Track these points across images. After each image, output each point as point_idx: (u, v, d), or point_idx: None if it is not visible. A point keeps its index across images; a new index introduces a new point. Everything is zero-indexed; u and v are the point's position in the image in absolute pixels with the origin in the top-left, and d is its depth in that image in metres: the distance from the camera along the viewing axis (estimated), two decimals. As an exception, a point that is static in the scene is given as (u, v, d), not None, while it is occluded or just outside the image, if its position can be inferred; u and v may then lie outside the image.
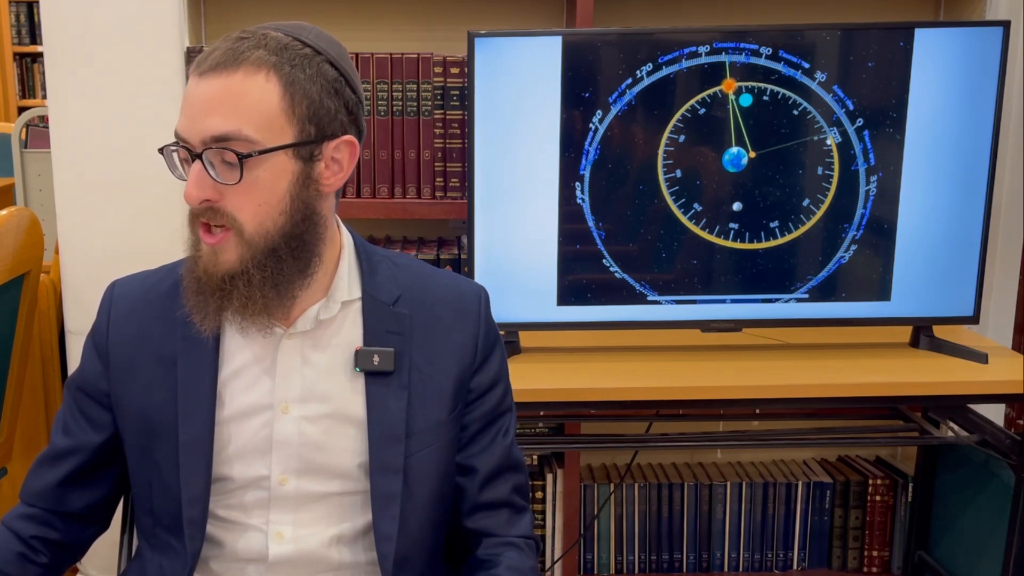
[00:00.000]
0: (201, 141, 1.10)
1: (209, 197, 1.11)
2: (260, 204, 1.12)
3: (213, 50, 1.11)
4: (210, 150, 1.09)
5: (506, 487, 1.30)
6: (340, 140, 1.16)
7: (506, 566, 1.25)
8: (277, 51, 1.11)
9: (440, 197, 2.21)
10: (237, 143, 1.09)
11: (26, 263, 2.12)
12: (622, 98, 1.95)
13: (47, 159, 2.67)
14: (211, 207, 1.12)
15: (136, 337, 1.25)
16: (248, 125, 1.09)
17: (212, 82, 1.09)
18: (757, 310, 2.05)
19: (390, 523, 1.22)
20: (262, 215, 1.12)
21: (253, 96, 1.09)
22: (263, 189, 1.11)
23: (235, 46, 1.10)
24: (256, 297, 1.14)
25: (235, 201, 1.11)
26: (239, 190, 1.11)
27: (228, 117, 1.08)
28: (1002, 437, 2.01)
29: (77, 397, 1.29)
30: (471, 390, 1.28)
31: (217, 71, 1.09)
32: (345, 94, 1.15)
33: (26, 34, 5.73)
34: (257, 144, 1.09)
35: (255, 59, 1.10)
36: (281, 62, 1.10)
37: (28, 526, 1.27)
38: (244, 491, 1.23)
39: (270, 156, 1.10)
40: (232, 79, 1.09)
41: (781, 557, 2.47)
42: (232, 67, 1.09)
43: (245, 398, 1.22)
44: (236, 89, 1.09)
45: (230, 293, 1.14)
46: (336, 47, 1.17)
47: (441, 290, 1.29)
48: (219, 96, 1.09)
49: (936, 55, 1.95)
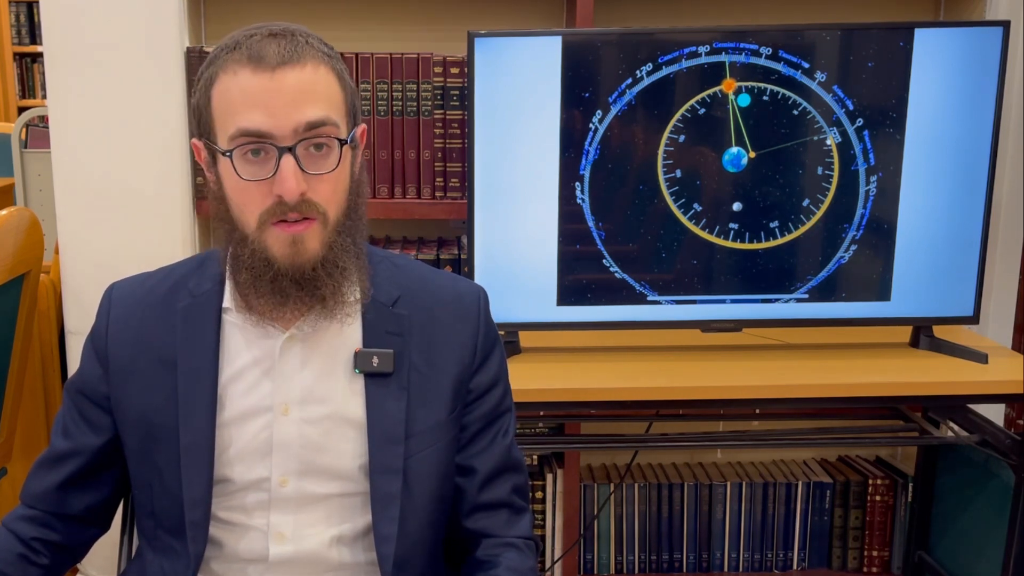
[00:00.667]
0: (294, 131, 1.10)
1: (303, 190, 1.12)
2: (340, 191, 1.16)
3: (264, 47, 1.10)
4: (305, 140, 1.11)
5: (505, 487, 1.30)
6: (360, 127, 1.22)
7: (505, 567, 1.25)
8: (318, 45, 1.14)
9: (440, 197, 2.21)
10: (331, 128, 1.12)
11: (26, 263, 2.12)
12: (622, 98, 1.95)
13: (47, 159, 2.67)
14: (305, 199, 1.13)
15: (135, 340, 1.25)
16: (333, 111, 1.13)
17: (289, 74, 1.10)
18: (757, 310, 2.05)
19: (389, 524, 1.22)
20: (340, 200, 1.17)
21: (327, 86, 1.14)
22: (343, 175, 1.16)
23: (285, 42, 1.11)
24: (337, 278, 1.17)
25: (322, 189, 1.14)
26: (328, 178, 1.13)
27: (319, 104, 1.12)
28: (1002, 437, 2.01)
29: (76, 400, 1.29)
30: (470, 391, 1.28)
31: (290, 64, 1.10)
32: (354, 88, 1.20)
33: (26, 34, 5.73)
34: (341, 131, 1.14)
35: (313, 53, 1.13)
36: (330, 55, 1.15)
37: (28, 528, 1.27)
38: (245, 493, 1.23)
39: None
40: (305, 71, 1.11)
41: (781, 557, 2.47)
42: (302, 60, 1.11)
43: (245, 400, 1.22)
44: (313, 79, 1.12)
45: (317, 281, 1.16)
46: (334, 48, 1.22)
47: (440, 291, 1.29)
48: (302, 86, 1.11)
49: (936, 55, 1.95)
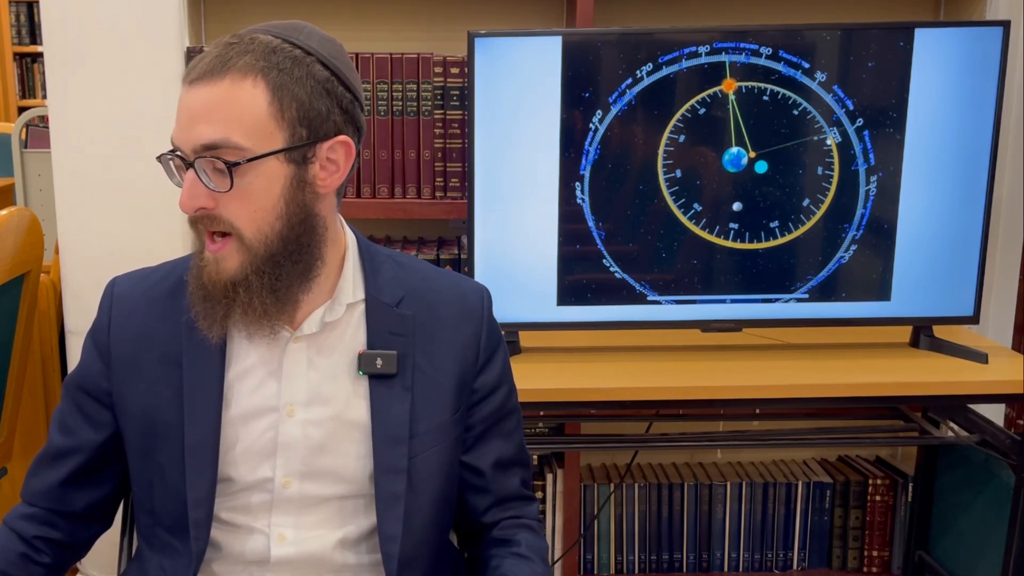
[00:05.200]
0: (192, 150, 1.10)
1: (204, 205, 1.11)
2: (256, 210, 1.12)
3: (202, 57, 1.11)
4: (202, 158, 1.10)
5: (514, 482, 1.33)
6: (334, 141, 1.15)
7: (526, 545, 1.28)
8: (264, 55, 1.11)
9: (440, 197, 2.21)
10: (226, 151, 1.09)
11: (26, 263, 2.12)
12: (622, 98, 1.95)
13: (47, 159, 2.67)
14: (207, 214, 1.12)
15: (138, 336, 1.25)
16: (237, 132, 1.09)
17: (200, 90, 1.09)
18: (757, 310, 2.05)
19: (394, 524, 1.22)
20: (259, 220, 1.12)
21: (240, 103, 1.09)
22: (257, 194, 1.11)
23: (223, 52, 1.10)
24: (256, 304, 1.14)
25: (231, 207, 1.12)
26: (233, 197, 1.11)
27: (216, 125, 1.09)
28: (1002, 437, 2.01)
29: (76, 396, 1.28)
30: (475, 391, 1.28)
31: (205, 79, 1.09)
32: (338, 93, 1.14)
33: (26, 34, 5.73)
34: (247, 151, 1.09)
35: (242, 65, 1.09)
36: (268, 66, 1.10)
37: (30, 526, 1.27)
38: (247, 493, 1.23)
39: (261, 162, 1.10)
40: (219, 86, 1.09)
41: (781, 557, 2.47)
42: (219, 74, 1.09)
43: (251, 400, 1.22)
44: (223, 97, 1.09)
45: (233, 300, 1.14)
46: (330, 45, 1.16)
47: (444, 290, 1.29)
48: (207, 104, 1.09)
49: (936, 55, 1.95)
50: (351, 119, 1.17)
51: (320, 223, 1.17)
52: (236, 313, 1.15)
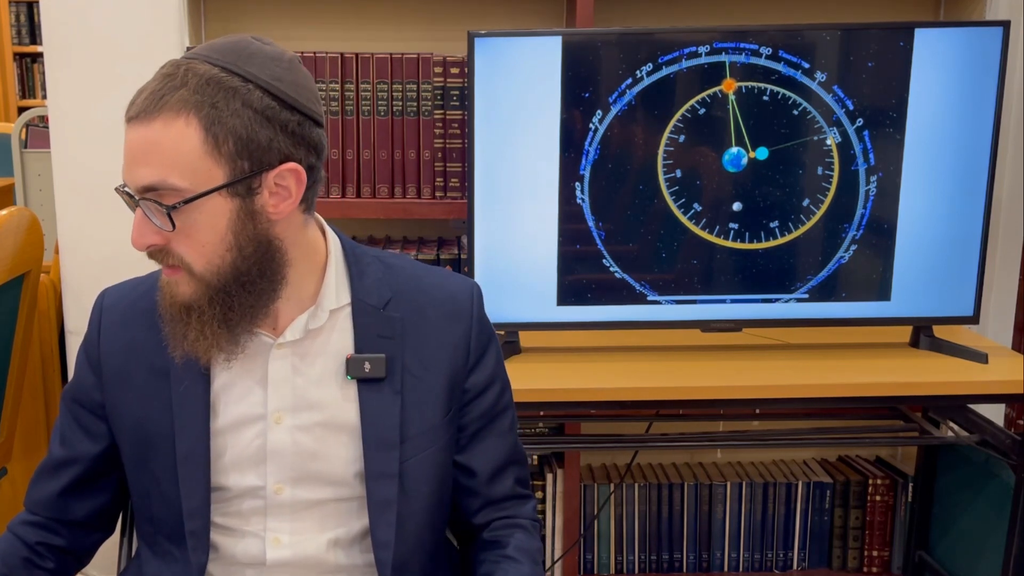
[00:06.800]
0: (136, 190, 1.10)
1: (153, 242, 1.11)
2: (204, 245, 1.11)
3: (141, 91, 1.10)
4: (144, 199, 1.09)
5: (509, 482, 1.31)
6: (281, 169, 1.11)
7: (514, 547, 1.27)
8: (198, 89, 1.07)
9: (440, 197, 2.21)
10: (164, 193, 1.08)
11: (26, 263, 2.12)
12: (622, 98, 1.95)
13: (47, 159, 2.67)
14: (159, 250, 1.12)
15: (128, 347, 1.24)
16: (172, 174, 1.07)
17: (136, 131, 1.08)
18: (757, 310, 2.05)
19: (387, 529, 1.22)
20: (208, 254, 1.11)
21: (173, 144, 1.07)
22: (203, 231, 1.10)
23: (157, 88, 1.08)
24: (207, 333, 1.13)
25: (179, 244, 1.11)
26: (180, 234, 1.10)
27: (153, 168, 1.07)
28: (1002, 437, 2.01)
29: (72, 408, 1.29)
30: (467, 390, 1.27)
31: (140, 119, 1.08)
32: (281, 119, 1.10)
33: (26, 34, 5.73)
34: (184, 191, 1.08)
35: (175, 102, 1.07)
36: (201, 101, 1.07)
37: (33, 532, 1.27)
38: (240, 500, 1.23)
39: (202, 200, 1.08)
40: (152, 128, 1.07)
41: (781, 557, 2.47)
42: (152, 114, 1.07)
43: (237, 409, 1.22)
44: (156, 139, 1.07)
45: (187, 324, 1.14)
46: (274, 65, 1.11)
47: (433, 290, 1.27)
48: (142, 147, 1.08)
49: (936, 55, 1.95)
50: (301, 140, 1.12)
51: (279, 247, 1.15)
52: (189, 338, 1.14)
